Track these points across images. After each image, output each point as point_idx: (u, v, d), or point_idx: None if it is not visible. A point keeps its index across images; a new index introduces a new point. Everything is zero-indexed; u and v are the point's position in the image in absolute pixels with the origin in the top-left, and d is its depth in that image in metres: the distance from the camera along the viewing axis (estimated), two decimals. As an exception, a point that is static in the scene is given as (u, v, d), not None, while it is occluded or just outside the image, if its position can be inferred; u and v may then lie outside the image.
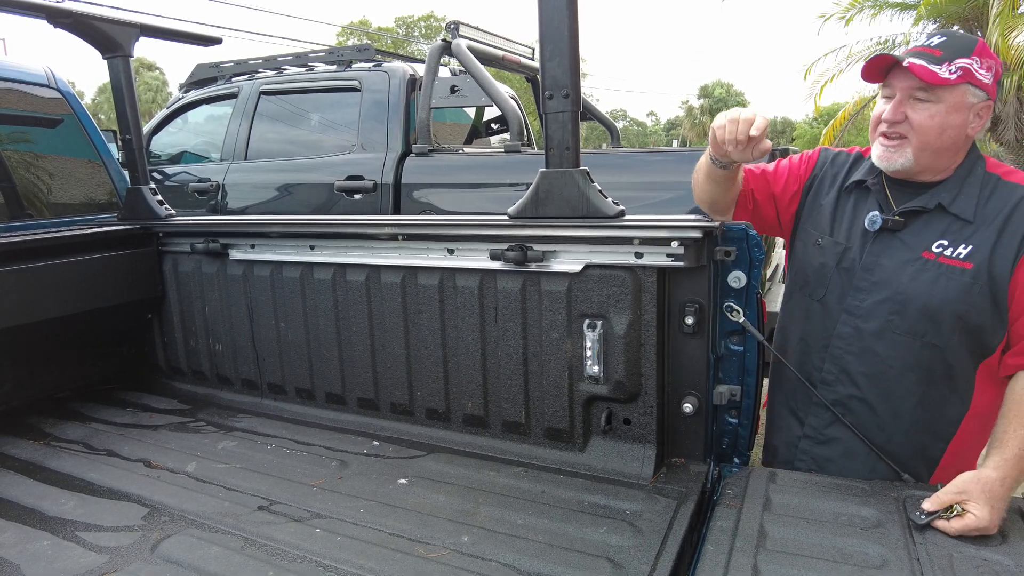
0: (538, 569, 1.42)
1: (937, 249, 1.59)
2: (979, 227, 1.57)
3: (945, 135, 1.56)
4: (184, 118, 5.27)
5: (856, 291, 1.70)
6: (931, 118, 1.54)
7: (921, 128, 1.55)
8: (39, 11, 2.44)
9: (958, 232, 1.59)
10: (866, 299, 1.68)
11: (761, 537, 1.44)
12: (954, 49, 1.52)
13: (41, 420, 2.39)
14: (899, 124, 1.58)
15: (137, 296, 2.64)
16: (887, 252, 1.66)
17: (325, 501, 1.75)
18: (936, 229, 1.61)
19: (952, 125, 1.55)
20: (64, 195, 3.02)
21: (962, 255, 1.56)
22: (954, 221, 1.60)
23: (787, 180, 1.85)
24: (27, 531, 1.63)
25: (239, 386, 2.57)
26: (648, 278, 1.77)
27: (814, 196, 1.82)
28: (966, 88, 1.53)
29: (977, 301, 1.56)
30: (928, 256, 1.61)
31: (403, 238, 2.10)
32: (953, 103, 1.53)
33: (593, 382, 1.86)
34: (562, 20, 1.73)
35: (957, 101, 1.53)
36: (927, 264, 1.60)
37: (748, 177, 1.84)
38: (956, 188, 1.61)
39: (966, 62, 1.51)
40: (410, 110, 4.21)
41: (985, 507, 1.38)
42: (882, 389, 1.69)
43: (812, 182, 1.83)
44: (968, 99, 1.54)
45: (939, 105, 1.53)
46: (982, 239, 1.56)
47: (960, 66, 1.51)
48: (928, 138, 1.56)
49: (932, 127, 1.54)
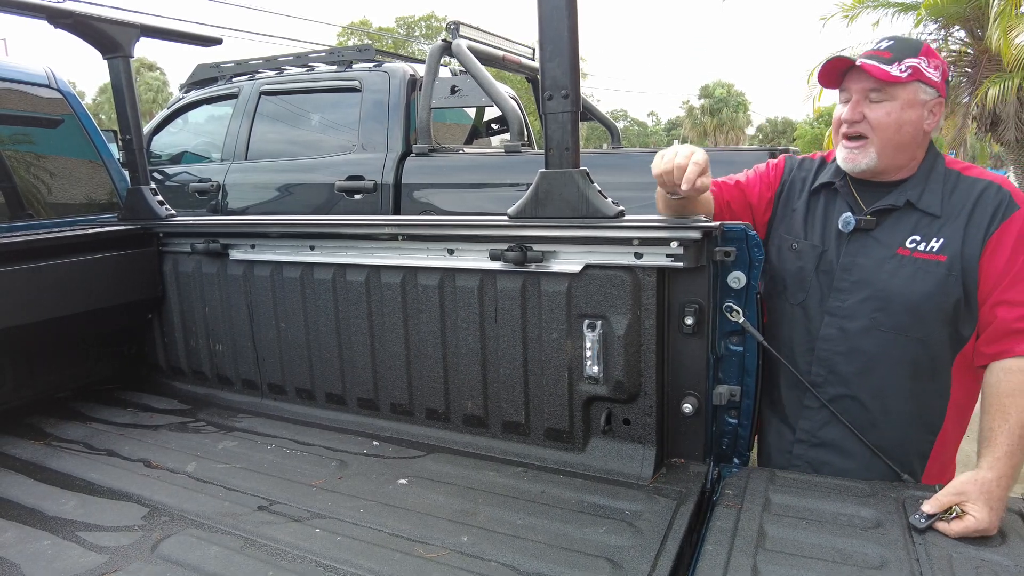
0: (538, 569, 1.42)
1: (911, 245, 1.65)
2: (947, 221, 1.63)
3: (903, 131, 1.63)
4: (184, 118, 5.28)
5: (837, 292, 1.73)
6: (887, 115, 1.61)
7: (880, 125, 1.62)
8: (40, 11, 2.44)
9: (928, 227, 1.65)
10: (848, 299, 1.72)
11: (761, 537, 1.44)
12: (902, 50, 1.61)
13: (42, 420, 2.39)
14: (858, 124, 1.65)
15: (138, 296, 2.64)
16: (863, 251, 1.70)
17: (325, 501, 1.75)
18: (907, 225, 1.67)
19: (908, 121, 1.62)
20: (65, 195, 3.02)
21: (935, 248, 1.63)
22: (923, 216, 1.66)
23: (760, 188, 1.90)
24: (27, 531, 1.63)
25: (239, 386, 2.57)
26: (648, 278, 1.77)
27: (785, 202, 1.88)
28: (917, 86, 1.61)
29: (954, 291, 1.61)
30: (903, 252, 1.66)
31: (403, 238, 2.10)
32: (906, 100, 1.61)
33: (593, 382, 1.87)
34: (562, 20, 1.73)
35: (910, 98, 1.61)
36: (903, 260, 1.66)
37: (723, 189, 1.89)
38: (921, 185, 1.67)
39: (914, 61, 1.60)
40: (410, 110, 4.21)
41: (984, 508, 1.38)
42: (872, 386, 1.72)
43: (782, 188, 1.89)
44: (920, 96, 1.62)
45: (894, 102, 1.61)
46: (951, 232, 1.62)
47: (909, 65, 1.59)
48: (888, 134, 1.63)
49: (890, 124, 1.61)
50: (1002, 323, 1.56)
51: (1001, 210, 1.59)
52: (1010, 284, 1.57)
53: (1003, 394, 1.51)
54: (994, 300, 1.58)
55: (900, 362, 1.68)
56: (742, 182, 1.92)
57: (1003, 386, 1.52)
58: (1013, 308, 1.55)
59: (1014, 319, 1.55)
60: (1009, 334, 1.55)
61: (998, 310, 1.57)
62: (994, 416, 1.50)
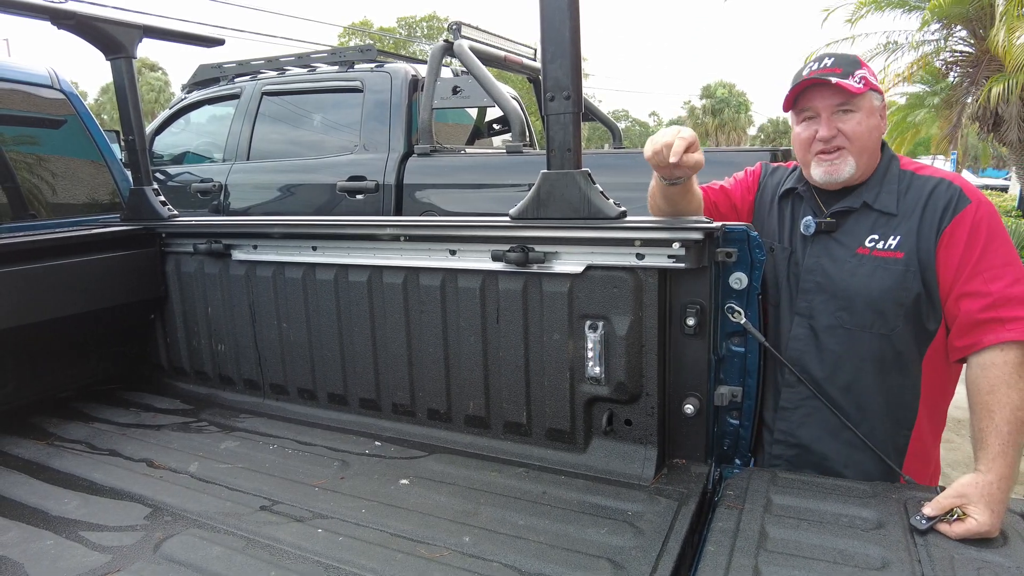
0: (539, 569, 1.43)
1: (869, 244, 1.71)
2: (903, 219, 1.69)
3: (872, 136, 1.72)
4: (187, 119, 5.28)
5: (803, 293, 1.79)
6: (859, 124, 1.69)
7: (855, 135, 1.69)
8: (43, 12, 2.45)
9: (885, 226, 1.71)
10: (813, 299, 1.77)
11: (762, 538, 1.44)
12: (847, 64, 1.69)
13: (44, 420, 2.40)
14: (835, 138, 1.71)
15: (140, 296, 2.64)
16: (825, 253, 1.76)
17: (327, 501, 1.76)
18: (865, 226, 1.73)
19: (873, 127, 1.72)
20: (67, 196, 3.03)
21: (892, 246, 1.69)
22: (880, 216, 1.72)
23: (742, 192, 1.99)
24: (31, 530, 1.64)
25: (241, 386, 2.57)
26: (649, 279, 1.78)
27: (759, 207, 1.95)
28: (871, 94, 1.71)
29: (912, 286, 1.66)
30: (863, 251, 1.72)
31: (405, 239, 2.10)
32: (867, 108, 1.70)
33: (594, 383, 1.87)
34: (563, 21, 1.73)
35: (868, 106, 1.70)
36: (863, 259, 1.71)
37: (709, 193, 1.96)
38: (877, 186, 1.74)
39: (862, 72, 1.70)
40: (412, 111, 4.21)
41: (985, 510, 1.39)
42: (843, 384, 1.76)
43: (759, 193, 1.97)
44: (874, 103, 1.72)
45: (859, 113, 1.70)
46: (907, 229, 1.68)
47: (860, 76, 1.68)
48: (863, 142, 1.70)
49: (862, 132, 1.69)
50: (967, 315, 1.60)
51: (952, 204, 1.64)
52: (969, 276, 1.60)
53: (983, 392, 1.53)
54: (956, 293, 1.62)
55: (867, 359, 1.73)
56: (727, 187, 2.00)
57: (982, 383, 1.54)
58: (975, 299, 1.59)
59: (978, 310, 1.58)
60: (975, 325, 1.58)
61: (961, 303, 1.61)
62: (980, 416, 1.52)
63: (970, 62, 13.18)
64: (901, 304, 1.67)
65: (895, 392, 1.75)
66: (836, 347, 1.75)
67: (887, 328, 1.70)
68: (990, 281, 1.58)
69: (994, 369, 1.54)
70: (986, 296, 1.58)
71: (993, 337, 1.54)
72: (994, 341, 1.54)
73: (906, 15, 13.70)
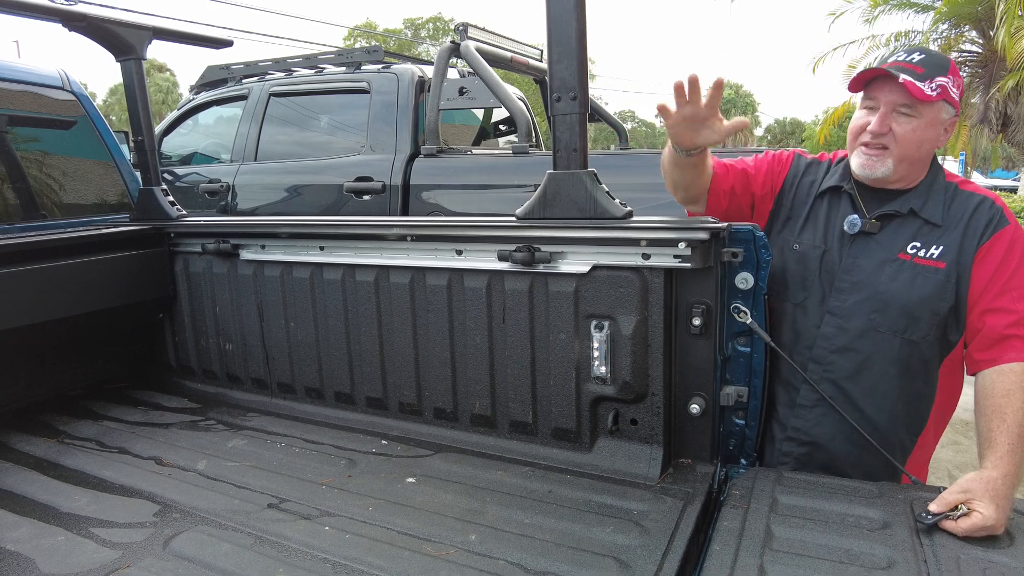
0: (545, 568, 1.43)
1: (911, 251, 1.70)
2: (946, 230, 1.69)
3: (922, 148, 1.68)
4: (195, 119, 5.31)
5: (837, 292, 1.77)
6: (913, 132, 1.64)
7: (903, 140, 1.65)
8: (55, 15, 2.47)
9: (928, 235, 1.70)
10: (848, 299, 1.76)
11: (767, 538, 1.44)
12: (933, 67, 1.63)
13: (54, 418, 2.42)
14: (884, 136, 1.67)
15: (149, 296, 2.66)
16: (865, 254, 1.75)
17: (334, 499, 1.77)
18: (908, 232, 1.72)
19: (928, 139, 1.67)
20: (77, 196, 3.05)
21: (935, 255, 1.68)
22: (924, 225, 1.71)
23: (764, 179, 1.92)
24: (41, 527, 1.65)
25: (249, 385, 2.59)
26: (655, 279, 1.78)
27: (792, 203, 1.89)
28: (942, 105, 1.65)
29: (949, 297, 1.67)
30: (904, 257, 1.71)
31: (412, 239, 2.11)
32: (931, 119, 1.65)
33: (600, 383, 1.87)
34: (570, 22, 1.74)
35: (934, 117, 1.65)
36: (904, 265, 1.71)
37: (731, 172, 1.89)
38: (924, 195, 1.73)
39: (944, 80, 1.63)
40: (419, 112, 4.23)
41: (991, 505, 1.39)
42: (866, 386, 1.75)
43: (787, 188, 1.91)
44: (942, 115, 1.67)
45: (920, 120, 1.64)
46: (950, 240, 1.68)
47: (939, 84, 1.62)
48: (908, 150, 1.67)
49: (913, 140, 1.65)
50: (991, 330, 1.61)
51: (993, 223, 1.66)
52: (999, 293, 1.62)
53: (998, 395, 1.54)
54: (982, 308, 1.63)
55: (893, 362, 1.73)
56: (749, 171, 1.92)
57: (997, 387, 1.55)
58: (1003, 315, 1.60)
59: (1004, 326, 1.59)
60: (999, 340, 1.60)
61: (987, 318, 1.62)
62: (991, 417, 1.52)
63: (979, 62, 13.11)
64: (936, 313, 1.68)
65: (914, 398, 1.75)
66: (865, 349, 1.74)
67: (919, 335, 1.70)
68: (1019, 300, 1.60)
69: (1012, 376, 1.55)
70: (1013, 313, 1.59)
71: (1015, 355, 1.56)
72: (1016, 359, 1.56)
73: (917, 15, 13.65)
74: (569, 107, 1.79)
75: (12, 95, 2.87)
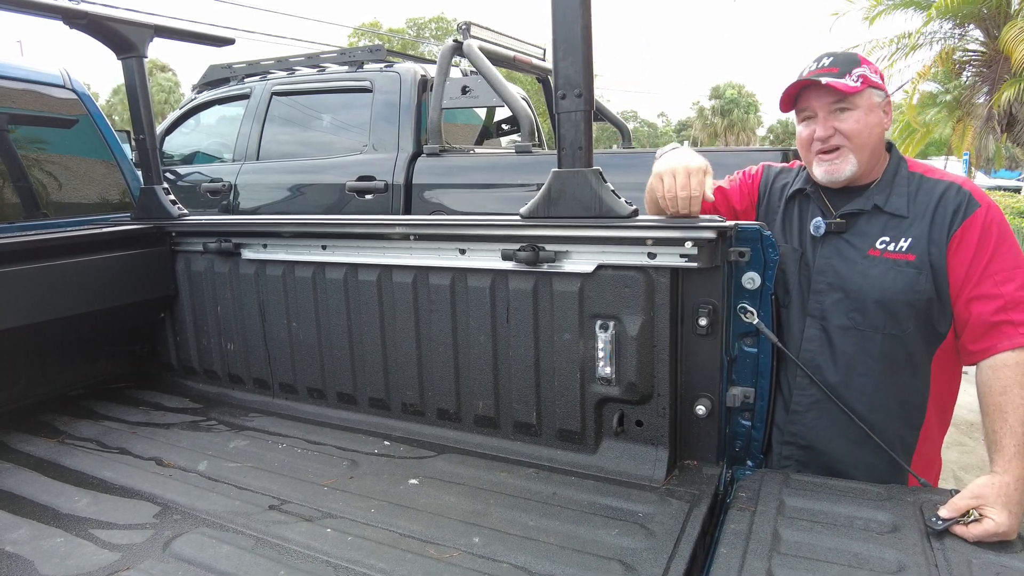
0: (549, 571, 1.41)
1: (881, 246, 1.72)
2: (913, 221, 1.70)
3: (873, 134, 1.72)
4: (197, 119, 5.30)
5: (815, 294, 1.79)
6: (856, 122, 1.70)
7: (852, 133, 1.70)
8: (56, 12, 2.46)
9: (896, 228, 1.71)
10: (825, 300, 1.77)
11: (775, 541, 1.42)
12: (846, 63, 1.70)
13: (55, 418, 2.41)
14: (832, 137, 1.72)
15: (150, 295, 2.65)
16: (836, 254, 1.77)
17: (336, 501, 1.75)
18: (876, 227, 1.74)
19: (873, 124, 1.72)
20: (79, 195, 3.04)
21: (904, 248, 1.69)
22: (891, 218, 1.73)
23: (741, 195, 1.98)
24: (41, 528, 1.64)
25: (251, 385, 2.58)
26: (661, 279, 1.76)
27: (766, 210, 1.95)
28: (870, 91, 1.71)
29: (924, 289, 1.67)
30: (874, 253, 1.72)
31: (415, 238, 2.10)
32: (866, 106, 1.70)
33: (605, 383, 1.85)
34: (575, 19, 1.72)
35: (868, 103, 1.71)
36: (875, 260, 1.72)
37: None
38: (887, 188, 1.75)
39: (860, 70, 1.70)
40: (421, 111, 4.21)
41: (1003, 511, 1.37)
42: (855, 385, 1.75)
43: (762, 195, 1.96)
44: (874, 100, 1.72)
45: (857, 110, 1.70)
46: (918, 231, 1.69)
47: (858, 75, 1.69)
48: (861, 139, 1.71)
49: (860, 129, 1.70)
50: (979, 318, 1.61)
51: (962, 209, 1.65)
52: (980, 279, 1.61)
53: (996, 393, 1.54)
54: (967, 296, 1.63)
55: (878, 359, 1.73)
56: (726, 188, 1.99)
57: (994, 384, 1.55)
58: (987, 301, 1.60)
59: (990, 312, 1.59)
60: (989, 328, 1.59)
61: (972, 306, 1.62)
62: (994, 418, 1.52)
63: (984, 62, 13.08)
64: (912, 305, 1.68)
65: (905, 392, 1.75)
66: (849, 348, 1.75)
67: (899, 329, 1.70)
68: (1001, 284, 1.60)
69: (1006, 370, 1.54)
70: (997, 298, 1.59)
71: (1008, 343, 1.56)
72: (1009, 347, 1.55)
73: (918, 13, 13.62)
74: (575, 104, 1.77)
75: (14, 93, 2.86)
